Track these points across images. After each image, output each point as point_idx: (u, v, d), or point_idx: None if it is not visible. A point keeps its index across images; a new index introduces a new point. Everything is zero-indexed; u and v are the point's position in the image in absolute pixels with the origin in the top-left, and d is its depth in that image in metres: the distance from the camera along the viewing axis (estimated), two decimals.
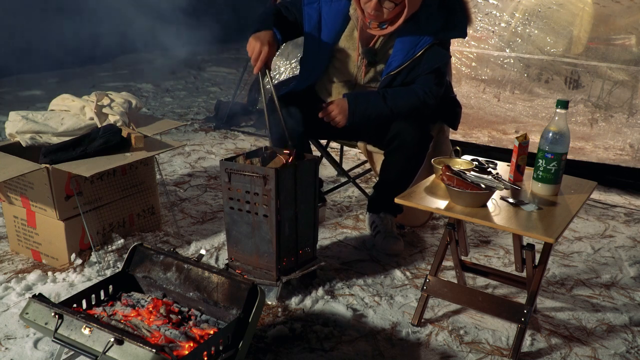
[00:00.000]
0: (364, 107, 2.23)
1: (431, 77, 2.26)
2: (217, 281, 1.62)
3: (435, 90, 2.27)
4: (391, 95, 2.24)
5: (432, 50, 2.24)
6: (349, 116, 2.23)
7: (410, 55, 2.23)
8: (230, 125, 4.35)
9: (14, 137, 2.24)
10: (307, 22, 2.32)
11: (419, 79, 2.26)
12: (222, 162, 1.99)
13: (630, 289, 2.24)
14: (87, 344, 1.38)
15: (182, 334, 1.51)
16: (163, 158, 3.57)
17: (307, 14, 2.32)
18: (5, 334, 1.82)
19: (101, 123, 2.29)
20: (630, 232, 2.77)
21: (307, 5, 2.31)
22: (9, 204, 2.29)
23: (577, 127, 3.83)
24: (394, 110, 2.24)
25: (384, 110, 2.24)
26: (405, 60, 2.24)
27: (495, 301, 1.84)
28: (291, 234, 2.03)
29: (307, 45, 2.39)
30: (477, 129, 4.06)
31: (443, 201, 1.74)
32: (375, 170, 2.58)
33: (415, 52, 2.22)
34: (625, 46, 3.63)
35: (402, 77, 2.27)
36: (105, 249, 2.28)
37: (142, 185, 2.45)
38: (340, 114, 2.24)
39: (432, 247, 2.52)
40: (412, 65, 2.24)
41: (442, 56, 2.27)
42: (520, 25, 3.89)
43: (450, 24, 2.26)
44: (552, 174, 1.79)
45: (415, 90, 2.25)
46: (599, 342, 1.89)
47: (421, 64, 2.24)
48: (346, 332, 1.89)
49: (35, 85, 5.47)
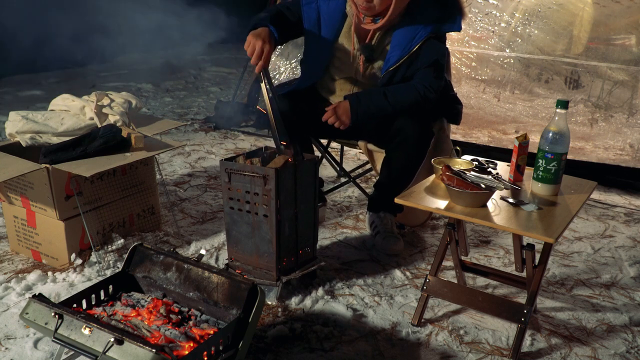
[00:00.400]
0: (366, 105, 2.26)
1: (430, 70, 2.28)
2: (217, 281, 1.62)
3: (435, 84, 2.29)
4: (392, 92, 2.27)
5: (429, 43, 2.26)
6: (352, 116, 2.26)
7: (407, 50, 2.25)
8: (230, 125, 4.35)
9: (14, 137, 2.24)
10: (307, 22, 2.34)
11: (418, 74, 2.29)
12: (222, 162, 1.99)
13: (630, 289, 2.24)
14: (87, 344, 1.38)
15: (182, 334, 1.51)
16: (163, 158, 3.57)
17: (306, 14, 2.34)
18: (5, 334, 1.82)
19: (101, 123, 2.29)
20: (630, 232, 2.77)
21: (306, 5, 2.33)
22: (9, 204, 2.29)
23: (577, 127, 3.83)
24: (395, 107, 2.27)
25: (386, 107, 2.26)
26: (402, 55, 2.26)
27: (495, 301, 1.84)
28: (291, 234, 2.03)
29: (308, 44, 2.41)
30: (477, 129, 4.06)
31: (443, 201, 1.74)
32: (376, 169, 2.58)
33: (411, 46, 2.24)
34: (625, 46, 3.63)
35: (401, 72, 2.29)
36: (105, 249, 2.28)
37: (142, 185, 2.45)
38: (344, 115, 2.26)
39: (432, 247, 2.52)
40: (410, 59, 2.27)
41: (438, 49, 2.29)
42: (520, 25, 3.89)
43: (445, 18, 2.27)
44: (552, 174, 1.79)
45: (415, 85, 2.28)
46: (599, 342, 1.89)
47: (419, 57, 2.27)
48: (346, 332, 1.89)
49: (35, 85, 5.47)
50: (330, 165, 3.19)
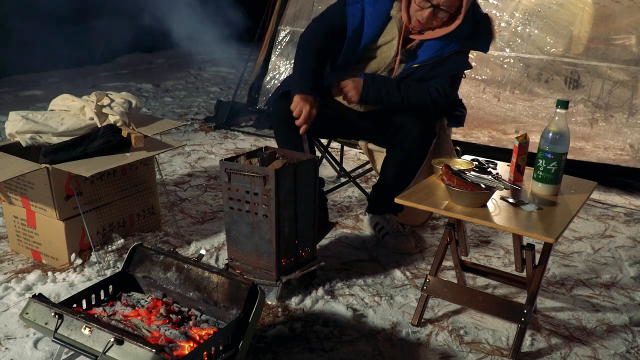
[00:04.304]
0: (378, 88, 2.28)
1: (448, 79, 2.32)
2: (217, 281, 1.62)
3: (448, 92, 2.33)
4: (405, 86, 2.29)
5: (457, 56, 2.29)
6: (362, 94, 2.28)
7: (437, 55, 2.27)
8: (230, 125, 4.35)
9: (14, 137, 2.24)
10: (351, 22, 2.32)
11: (436, 79, 2.31)
12: (222, 162, 1.99)
13: (630, 289, 2.24)
14: (87, 344, 1.38)
15: (182, 334, 1.51)
16: (163, 158, 3.57)
17: (350, 14, 2.32)
18: (5, 334, 1.82)
19: (101, 123, 2.29)
20: (630, 232, 2.77)
21: (352, 5, 2.32)
22: (9, 204, 2.29)
23: (577, 127, 3.83)
24: (404, 100, 2.29)
25: (396, 97, 2.28)
26: (431, 57, 2.28)
27: (495, 301, 1.84)
28: (291, 234, 2.03)
29: (348, 43, 2.35)
30: (477, 129, 4.06)
31: (443, 201, 1.74)
32: (376, 169, 2.58)
33: (442, 53, 2.27)
34: (625, 46, 3.63)
35: (422, 72, 2.31)
36: (105, 249, 2.29)
37: (142, 185, 2.45)
38: (354, 89, 2.28)
39: (432, 247, 2.52)
40: (435, 64, 2.29)
41: (463, 63, 2.34)
42: (520, 25, 3.89)
43: (477, 36, 2.30)
44: (552, 174, 1.79)
45: (428, 87, 2.31)
46: (599, 342, 1.89)
47: (444, 65, 2.29)
48: (346, 332, 1.89)
49: (35, 85, 5.47)
50: (330, 165, 3.19)
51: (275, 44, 4.46)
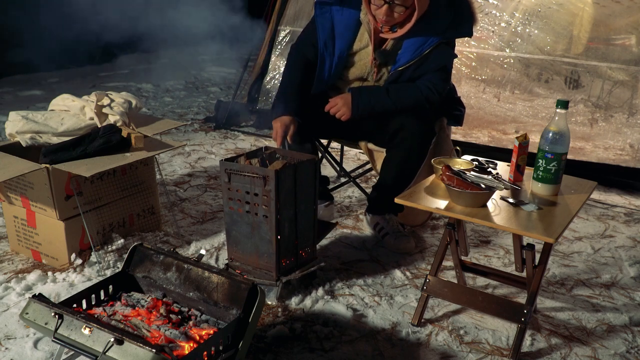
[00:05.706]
0: (367, 99, 2.29)
1: (437, 74, 2.32)
2: (217, 281, 1.62)
3: (440, 86, 2.32)
4: (395, 90, 2.30)
5: (439, 49, 2.29)
6: (353, 109, 2.29)
7: (417, 53, 2.27)
8: (230, 125, 4.35)
9: (14, 137, 2.24)
10: (321, 32, 2.36)
11: (425, 76, 2.31)
12: (222, 162, 1.99)
13: (630, 289, 2.24)
14: (87, 344, 1.38)
15: (182, 334, 1.51)
16: (163, 158, 3.57)
17: (320, 25, 2.36)
18: (5, 334, 1.82)
19: (101, 123, 2.29)
20: (630, 232, 2.77)
21: (320, 16, 2.36)
22: (9, 204, 2.29)
23: (577, 127, 3.83)
24: (397, 104, 2.29)
25: (388, 104, 2.29)
26: (413, 57, 2.28)
27: (495, 301, 1.84)
28: (291, 234, 2.03)
29: (322, 53, 2.40)
30: (477, 129, 4.06)
31: (443, 201, 1.74)
32: (376, 169, 2.58)
33: (422, 50, 2.27)
34: (625, 46, 3.63)
35: (409, 73, 2.31)
36: (105, 249, 2.29)
37: (142, 185, 2.45)
38: (345, 106, 2.30)
39: (432, 247, 2.52)
40: (418, 62, 2.29)
41: (448, 55, 2.34)
42: (520, 25, 3.89)
43: (457, 24, 2.30)
44: (552, 174, 1.79)
45: (418, 85, 2.31)
46: (599, 342, 1.89)
47: (428, 62, 2.29)
48: (346, 332, 1.89)
49: (35, 85, 5.47)
50: (330, 165, 3.19)
51: (275, 44, 4.46)
